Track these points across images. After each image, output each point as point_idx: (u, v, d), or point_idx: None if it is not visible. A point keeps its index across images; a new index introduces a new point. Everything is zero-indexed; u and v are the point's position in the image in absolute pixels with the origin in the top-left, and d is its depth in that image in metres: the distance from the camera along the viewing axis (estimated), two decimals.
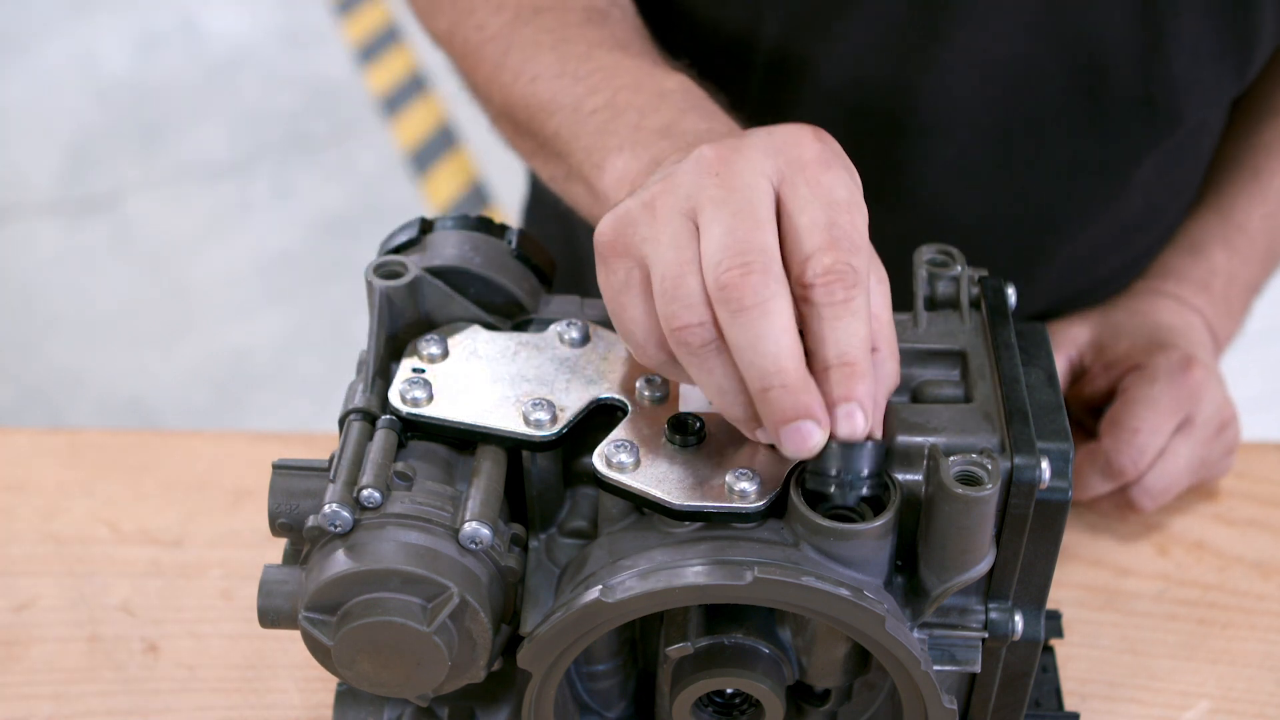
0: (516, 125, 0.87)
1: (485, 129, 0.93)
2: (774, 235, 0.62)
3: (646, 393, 0.69)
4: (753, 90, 0.97)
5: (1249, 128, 1.06)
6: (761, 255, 0.61)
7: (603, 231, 0.65)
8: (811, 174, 0.63)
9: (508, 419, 0.69)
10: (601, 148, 0.77)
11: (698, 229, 0.62)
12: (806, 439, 0.61)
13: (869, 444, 0.63)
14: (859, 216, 0.63)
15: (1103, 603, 0.93)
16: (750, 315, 0.60)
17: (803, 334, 0.62)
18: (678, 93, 0.78)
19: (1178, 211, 1.06)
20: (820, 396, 0.61)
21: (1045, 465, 0.64)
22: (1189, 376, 0.93)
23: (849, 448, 0.63)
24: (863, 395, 0.62)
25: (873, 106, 0.95)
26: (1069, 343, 0.99)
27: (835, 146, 0.65)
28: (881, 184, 0.97)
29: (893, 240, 0.99)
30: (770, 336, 0.60)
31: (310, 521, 0.66)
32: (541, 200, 1.23)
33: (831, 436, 0.62)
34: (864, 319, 0.62)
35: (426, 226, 0.76)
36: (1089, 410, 0.98)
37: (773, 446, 0.65)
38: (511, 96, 0.85)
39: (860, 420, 0.62)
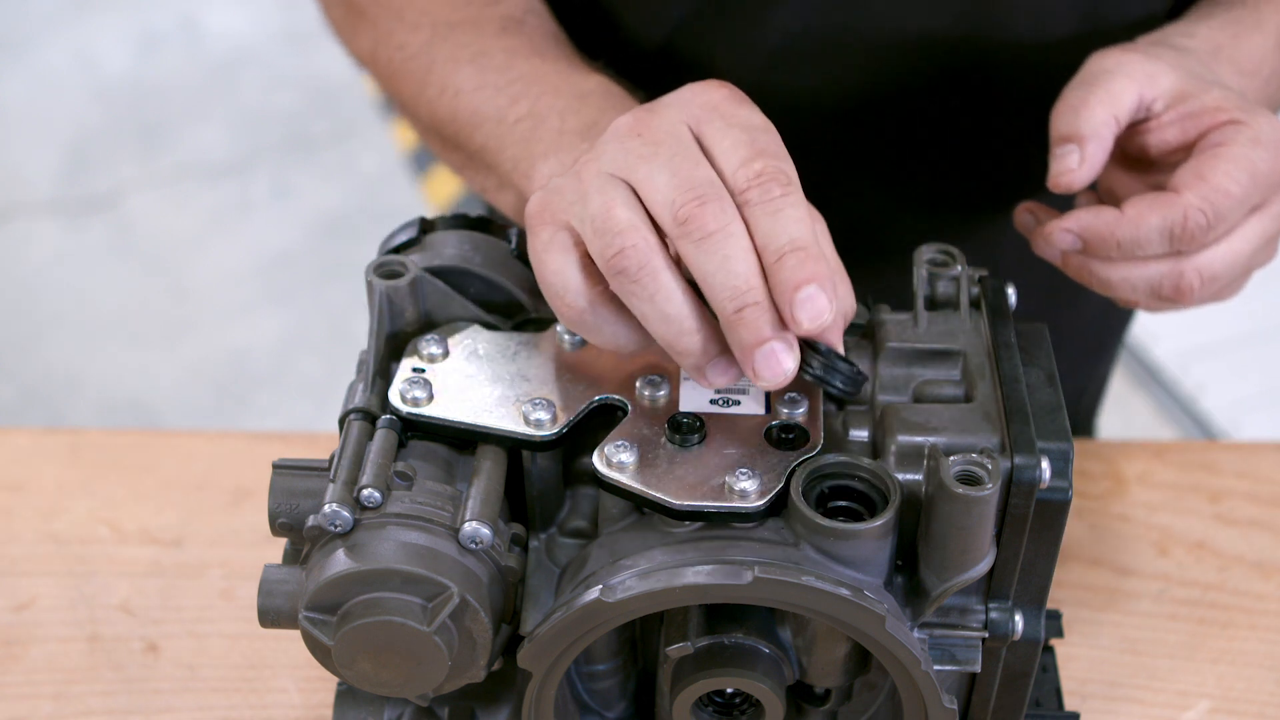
0: (444, 140, 0.89)
1: None
2: (712, 169, 0.64)
3: (646, 393, 0.69)
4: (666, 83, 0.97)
5: None
6: (711, 186, 0.63)
7: (531, 204, 0.68)
8: (725, 110, 0.66)
9: (508, 419, 0.69)
10: (528, 156, 0.80)
11: (629, 185, 0.64)
12: (781, 362, 0.62)
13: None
14: (777, 138, 0.65)
15: (1103, 603, 0.93)
16: (715, 240, 0.62)
17: None
18: (597, 93, 0.81)
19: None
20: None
21: (1045, 465, 0.64)
22: None
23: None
24: (821, 276, 0.62)
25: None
26: (1145, 79, 0.84)
27: (742, 93, 0.67)
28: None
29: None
30: (738, 256, 0.62)
31: (310, 521, 0.66)
32: None
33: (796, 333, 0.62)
34: (806, 213, 0.63)
35: (426, 226, 0.76)
36: (1135, 161, 0.87)
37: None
38: (437, 112, 0.88)
39: (824, 301, 0.62)
